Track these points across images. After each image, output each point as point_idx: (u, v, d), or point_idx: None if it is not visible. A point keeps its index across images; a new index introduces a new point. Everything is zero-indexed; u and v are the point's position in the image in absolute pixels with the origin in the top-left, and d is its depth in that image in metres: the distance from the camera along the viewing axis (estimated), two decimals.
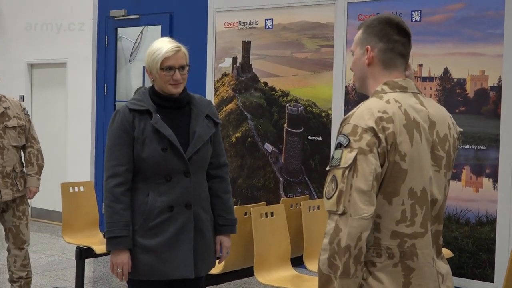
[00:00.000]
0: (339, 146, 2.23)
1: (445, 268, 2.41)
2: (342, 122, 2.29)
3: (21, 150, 5.26)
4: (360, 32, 2.45)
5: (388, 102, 2.29)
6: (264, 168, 7.25)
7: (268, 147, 7.23)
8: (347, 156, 2.19)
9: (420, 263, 2.28)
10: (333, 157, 2.24)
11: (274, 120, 7.18)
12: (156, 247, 3.31)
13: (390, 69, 2.40)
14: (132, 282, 3.42)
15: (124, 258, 3.31)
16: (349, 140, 2.20)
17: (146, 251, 3.32)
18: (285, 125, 7.09)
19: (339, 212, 2.16)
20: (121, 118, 3.33)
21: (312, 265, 5.04)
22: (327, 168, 2.28)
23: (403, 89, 2.37)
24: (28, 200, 5.34)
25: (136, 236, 3.33)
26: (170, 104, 3.40)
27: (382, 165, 2.21)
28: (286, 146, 7.10)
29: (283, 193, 7.06)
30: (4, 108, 5.12)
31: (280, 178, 7.13)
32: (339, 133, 2.27)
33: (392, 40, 2.39)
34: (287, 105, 7.08)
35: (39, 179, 5.30)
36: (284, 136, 7.10)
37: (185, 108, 3.44)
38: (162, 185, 3.32)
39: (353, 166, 2.17)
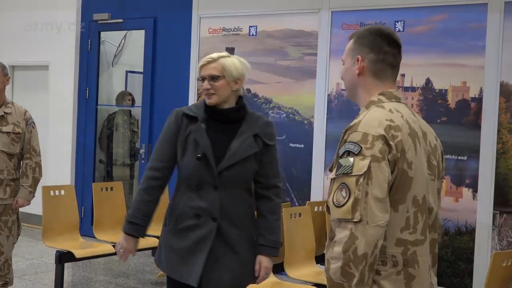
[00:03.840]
0: (347, 153, 2.23)
1: (434, 279, 2.44)
2: (346, 130, 2.30)
3: (19, 160, 5.21)
4: (351, 42, 2.47)
5: (391, 111, 2.32)
6: None
7: None
8: (360, 164, 2.19)
9: (420, 270, 2.30)
10: (341, 165, 2.23)
11: None
12: (179, 250, 3.39)
13: (381, 80, 2.43)
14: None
15: (131, 244, 3.49)
16: (361, 147, 2.20)
17: (172, 250, 3.43)
18: None
19: (355, 220, 2.15)
20: (174, 119, 3.45)
21: (293, 272, 5.06)
22: (332, 176, 2.28)
23: (398, 100, 2.41)
24: (17, 214, 5.27)
25: (168, 233, 3.47)
26: (218, 117, 3.42)
27: (391, 173, 2.23)
28: None
29: None
30: (5, 112, 5.12)
31: None
32: (345, 141, 2.27)
33: (383, 51, 2.41)
34: (269, 112, 7.11)
35: (31, 192, 5.23)
36: None
37: (236, 123, 3.42)
38: (193, 192, 3.37)
39: (367, 173, 2.17)
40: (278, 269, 5.25)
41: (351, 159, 2.21)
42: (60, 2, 8.89)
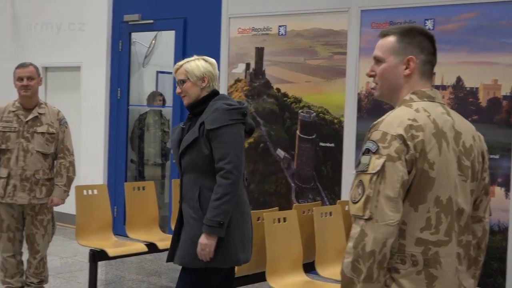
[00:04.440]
0: (367, 151, 2.26)
1: (469, 282, 2.43)
2: (370, 128, 2.32)
3: (53, 160, 5.27)
4: (393, 40, 2.43)
5: (417, 110, 2.33)
6: (276, 174, 7.29)
7: (280, 153, 7.27)
8: (375, 162, 2.22)
9: (443, 271, 2.29)
10: (360, 162, 2.27)
11: (286, 126, 7.22)
12: None
13: (425, 80, 2.44)
14: None
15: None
16: (378, 146, 2.23)
17: None
18: (298, 132, 7.13)
19: (365, 217, 2.19)
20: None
21: (324, 271, 5.07)
22: (354, 172, 2.31)
23: (431, 99, 2.41)
24: (52, 213, 5.34)
25: None
26: (191, 114, 3.90)
27: (409, 173, 2.24)
28: (298, 152, 7.14)
29: (295, 199, 7.09)
30: (39, 113, 5.19)
31: (292, 184, 7.16)
32: (367, 139, 2.30)
33: (430, 52, 2.45)
34: (299, 111, 7.12)
35: (66, 191, 5.28)
36: (297, 142, 7.14)
37: (199, 116, 3.81)
38: None
39: (381, 172, 2.20)
40: (309, 268, 5.27)
41: (369, 157, 2.25)
42: (92, 4, 8.99)
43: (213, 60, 3.97)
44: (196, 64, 3.87)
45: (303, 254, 5.08)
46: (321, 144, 6.95)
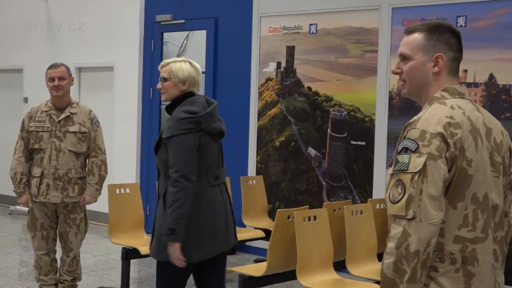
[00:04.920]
0: (405, 150, 2.23)
1: (501, 278, 2.41)
2: (406, 127, 2.30)
3: (85, 159, 5.32)
4: (420, 37, 2.40)
5: (452, 108, 2.31)
6: (307, 172, 7.27)
7: (312, 151, 7.25)
8: (416, 161, 2.19)
9: (480, 268, 2.28)
10: (398, 161, 2.25)
11: (317, 124, 7.20)
12: None
13: (452, 77, 2.42)
14: None
15: None
16: (418, 145, 2.21)
17: None
18: (329, 130, 7.11)
19: (408, 217, 2.17)
20: None
21: (354, 269, 5.05)
22: (390, 172, 2.29)
23: (461, 96, 2.39)
24: (85, 211, 5.38)
25: None
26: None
27: (449, 171, 2.22)
28: (329, 151, 7.12)
29: (326, 197, 7.07)
30: (71, 113, 5.24)
31: (323, 183, 7.14)
32: (404, 137, 2.27)
33: (458, 49, 2.42)
34: (330, 110, 7.09)
35: (98, 189, 5.31)
36: (328, 140, 7.12)
37: None
38: None
39: (423, 171, 2.18)
40: (340, 267, 5.26)
41: (408, 156, 2.22)
42: (124, 5, 9.06)
43: (198, 66, 4.07)
44: (181, 66, 3.96)
45: (334, 252, 5.07)
46: (352, 142, 6.92)
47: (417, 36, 2.41)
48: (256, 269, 5.07)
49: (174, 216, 3.74)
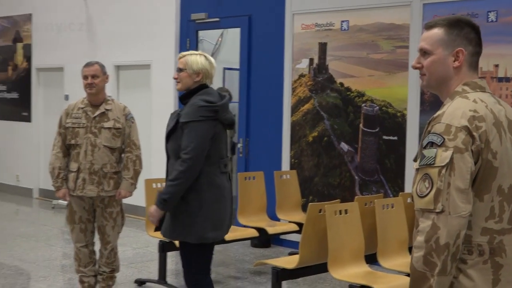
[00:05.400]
0: (430, 145, 2.24)
1: None
2: (430, 121, 2.31)
3: (120, 154, 5.37)
4: (441, 32, 2.40)
5: (475, 101, 2.31)
6: (340, 167, 7.31)
7: (344, 146, 7.28)
8: (443, 155, 2.20)
9: (508, 259, 2.28)
10: (424, 156, 2.25)
11: (350, 120, 7.22)
12: None
13: (472, 71, 2.42)
14: None
15: None
16: (444, 139, 2.21)
17: None
18: (361, 125, 7.12)
19: (437, 210, 2.17)
20: None
21: (386, 262, 5.07)
22: (416, 166, 2.30)
23: (482, 89, 2.39)
24: (121, 205, 5.45)
25: None
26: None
27: (475, 163, 2.22)
28: (361, 146, 7.14)
29: (359, 192, 7.09)
30: (106, 109, 5.31)
31: (356, 177, 7.17)
32: (429, 132, 2.28)
33: (477, 44, 2.43)
34: (362, 105, 7.11)
35: (133, 184, 5.35)
36: (360, 135, 7.14)
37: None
38: None
39: (450, 164, 2.18)
40: (372, 260, 5.28)
41: (434, 150, 2.22)
42: (160, 4, 9.17)
43: (212, 60, 4.30)
44: (197, 59, 4.20)
45: (365, 245, 5.09)
46: (384, 137, 6.93)
47: (437, 31, 2.41)
48: (289, 262, 5.13)
49: (171, 190, 4.06)
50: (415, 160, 2.36)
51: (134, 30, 9.51)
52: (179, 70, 4.22)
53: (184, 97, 4.24)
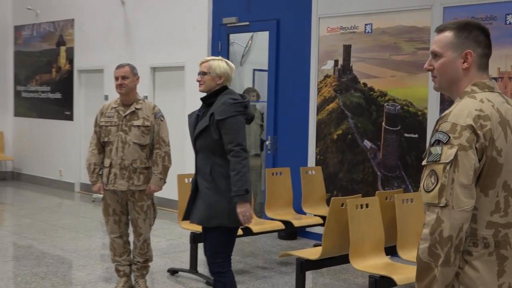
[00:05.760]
0: (437, 142, 2.24)
1: None
2: (438, 120, 2.30)
3: (150, 150, 5.38)
4: (450, 35, 2.39)
5: (482, 101, 2.30)
6: (363, 163, 7.27)
7: (367, 143, 7.24)
8: (448, 152, 2.20)
9: None
10: (431, 153, 2.25)
11: (372, 118, 7.18)
12: None
13: (482, 71, 2.40)
14: None
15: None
16: (449, 137, 2.21)
17: None
18: (383, 123, 7.08)
19: (441, 205, 2.17)
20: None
21: (405, 254, 5.04)
22: (424, 163, 2.29)
23: (491, 89, 2.37)
24: (152, 199, 5.47)
25: None
26: (204, 103, 4.42)
27: (479, 160, 2.22)
28: (384, 143, 7.09)
29: (381, 187, 7.05)
30: (136, 108, 5.35)
31: (378, 173, 7.13)
32: (436, 130, 2.27)
33: (486, 46, 2.40)
34: (385, 104, 7.07)
35: (161, 178, 5.36)
36: (382, 133, 7.10)
37: (210, 107, 4.33)
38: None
39: (454, 161, 2.18)
40: (392, 251, 5.26)
41: (440, 148, 2.22)
42: (194, 9, 9.21)
43: (232, 65, 4.47)
44: (219, 63, 4.37)
45: (386, 238, 5.07)
46: (406, 135, 6.88)
47: (447, 34, 2.39)
48: (312, 253, 5.14)
49: (244, 180, 4.15)
50: (423, 157, 2.35)
51: (169, 34, 9.57)
52: (203, 73, 4.37)
53: (208, 97, 4.39)
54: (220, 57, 4.48)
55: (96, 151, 5.40)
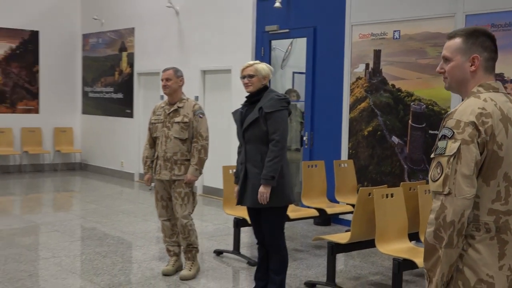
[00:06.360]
0: (443, 137, 2.26)
1: None
2: (445, 117, 2.33)
3: (191, 144, 5.39)
4: (459, 41, 2.39)
5: (485, 100, 2.31)
6: (391, 157, 7.25)
7: (395, 139, 7.21)
8: (452, 146, 2.22)
9: None
10: (438, 147, 2.28)
11: (400, 116, 7.15)
12: None
13: (488, 74, 2.41)
14: None
15: None
16: (453, 132, 2.23)
17: None
18: (410, 121, 7.04)
19: (445, 193, 2.20)
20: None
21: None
22: (432, 155, 2.32)
23: (495, 90, 2.38)
24: (192, 188, 5.43)
25: None
26: (248, 101, 4.61)
27: (481, 153, 2.23)
28: (410, 139, 7.05)
29: (407, 179, 7.02)
30: (178, 107, 5.41)
31: (405, 166, 7.10)
32: (443, 126, 2.30)
33: (492, 50, 2.41)
34: (411, 104, 7.03)
35: (197, 169, 5.32)
36: (409, 130, 7.06)
37: (256, 103, 4.50)
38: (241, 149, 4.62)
39: (457, 154, 2.20)
40: (415, 237, 5.25)
41: (445, 142, 2.24)
42: (239, 18, 9.28)
43: (271, 67, 4.68)
44: (263, 66, 4.58)
45: (409, 225, 5.07)
46: (430, 131, 6.83)
47: (456, 41, 2.40)
48: (342, 238, 5.16)
49: (274, 167, 4.36)
50: (432, 150, 2.38)
51: (217, 40, 9.66)
52: (250, 76, 4.54)
53: (252, 96, 4.56)
54: (259, 61, 4.64)
55: (148, 146, 5.54)
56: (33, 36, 12.57)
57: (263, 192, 4.38)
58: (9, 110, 12.46)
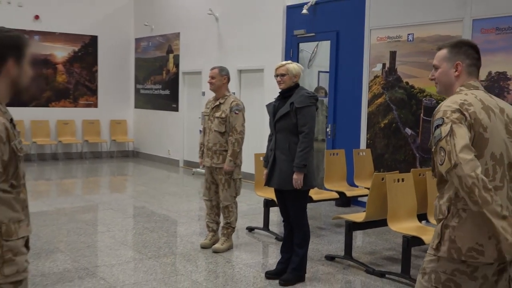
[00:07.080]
0: (437, 127, 2.30)
1: None
2: (434, 114, 2.36)
3: (227, 136, 5.38)
4: (445, 51, 2.48)
5: (466, 94, 2.38)
6: (404, 147, 7.22)
7: (408, 131, 7.18)
8: (445, 129, 2.26)
9: None
10: (434, 137, 2.31)
11: (413, 110, 7.11)
12: None
13: (471, 78, 2.47)
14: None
15: None
16: (443, 119, 2.28)
17: None
18: (422, 115, 7.00)
19: (453, 166, 2.20)
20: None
21: (434, 219, 5.00)
22: (432, 148, 2.34)
23: (476, 88, 2.44)
24: (231, 175, 5.42)
25: None
26: (280, 96, 4.62)
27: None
28: (422, 130, 7.01)
29: (419, 166, 6.98)
30: (220, 103, 5.43)
31: (417, 155, 7.06)
32: (434, 120, 2.32)
33: (475, 58, 2.47)
34: (423, 99, 6.98)
35: (231, 160, 5.29)
36: (421, 123, 7.01)
37: (288, 98, 4.53)
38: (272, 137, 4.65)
39: (451, 132, 2.24)
40: (423, 218, 5.24)
41: (439, 130, 2.28)
42: (271, 23, 9.29)
43: (301, 66, 4.64)
44: (294, 66, 4.56)
45: (418, 207, 5.06)
46: None
47: (443, 51, 2.49)
48: (358, 217, 5.19)
49: (305, 157, 4.38)
50: (429, 145, 2.41)
51: (252, 43, 9.70)
52: (282, 75, 4.54)
53: (285, 92, 4.57)
54: (290, 61, 4.63)
55: (201, 135, 5.63)
56: (93, 40, 12.80)
57: (297, 178, 4.41)
58: (72, 104, 12.73)
